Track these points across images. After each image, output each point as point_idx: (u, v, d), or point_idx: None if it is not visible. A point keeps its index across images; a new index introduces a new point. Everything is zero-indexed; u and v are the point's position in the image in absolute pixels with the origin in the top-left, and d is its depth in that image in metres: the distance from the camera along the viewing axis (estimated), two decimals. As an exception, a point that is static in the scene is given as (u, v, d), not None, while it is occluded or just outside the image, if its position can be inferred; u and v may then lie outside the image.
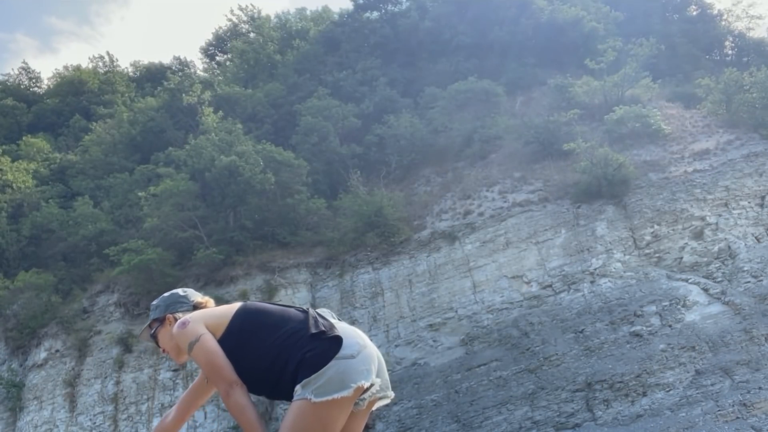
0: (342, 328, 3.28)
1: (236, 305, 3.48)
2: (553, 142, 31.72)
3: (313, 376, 3.10)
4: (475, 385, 24.48)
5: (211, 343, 3.27)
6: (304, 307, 3.47)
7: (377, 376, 3.22)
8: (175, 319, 3.51)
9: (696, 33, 45.96)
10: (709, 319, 24.00)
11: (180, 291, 3.69)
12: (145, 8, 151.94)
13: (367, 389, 3.15)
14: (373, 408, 3.35)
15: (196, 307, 3.59)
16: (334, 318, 3.39)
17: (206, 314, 3.44)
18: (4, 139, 47.57)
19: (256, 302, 3.56)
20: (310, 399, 3.07)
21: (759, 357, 22.37)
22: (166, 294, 3.70)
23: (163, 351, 3.60)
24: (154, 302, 3.66)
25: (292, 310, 3.42)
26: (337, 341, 3.19)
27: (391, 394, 3.37)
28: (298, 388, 3.13)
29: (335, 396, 3.07)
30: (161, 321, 3.56)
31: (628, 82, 34.64)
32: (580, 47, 40.72)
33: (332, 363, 3.13)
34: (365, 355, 3.20)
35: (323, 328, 3.24)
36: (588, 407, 22.84)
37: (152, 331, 3.58)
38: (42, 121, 52.31)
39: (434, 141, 36.35)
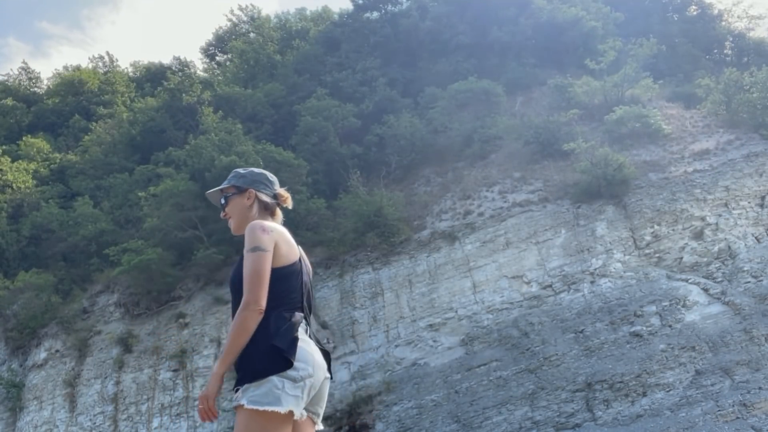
0: (304, 347, 3.32)
1: (297, 252, 3.62)
2: (553, 142, 31.71)
3: (252, 384, 3.18)
4: (475, 385, 24.49)
5: (268, 263, 3.34)
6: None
7: (315, 403, 3.38)
8: (257, 197, 3.61)
9: (696, 33, 45.95)
10: (709, 319, 24.01)
11: (268, 174, 3.76)
12: (136, 12, 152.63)
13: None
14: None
15: (276, 196, 3.71)
16: (308, 331, 3.46)
17: (286, 238, 3.57)
18: (4, 139, 47.56)
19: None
20: (244, 405, 3.16)
21: (759, 357, 22.38)
22: (255, 169, 3.75)
23: (225, 215, 3.66)
24: (241, 171, 3.71)
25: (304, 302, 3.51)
26: (286, 362, 3.24)
27: (320, 424, 3.48)
28: (239, 393, 3.22)
29: (267, 408, 3.15)
30: (241, 191, 3.61)
31: (628, 82, 34.64)
32: (579, 47, 40.72)
33: (274, 377, 3.20)
34: (305, 384, 3.26)
35: (281, 344, 3.27)
36: (588, 407, 22.84)
37: (227, 194, 3.62)
38: (42, 121, 52.32)
39: (434, 141, 36.35)
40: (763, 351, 22.57)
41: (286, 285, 3.44)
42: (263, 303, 3.25)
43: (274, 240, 3.43)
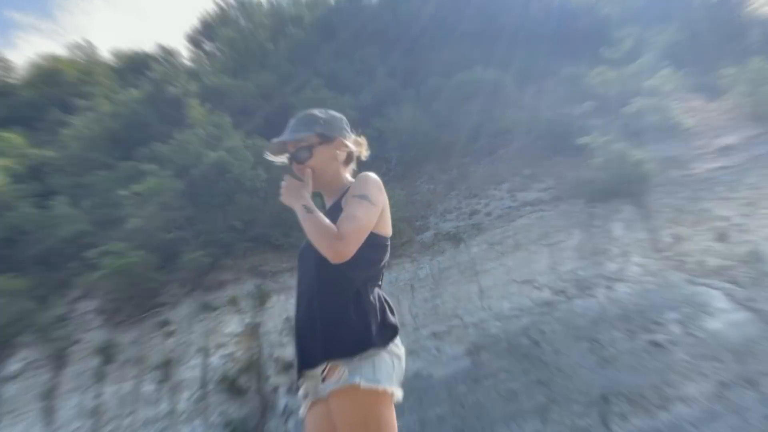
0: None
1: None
2: (565, 136, 31.77)
3: (363, 363, 2.98)
4: (482, 398, 24.55)
5: (374, 221, 3.16)
6: None
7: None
8: (344, 144, 3.37)
9: (720, 19, 46.02)
10: (734, 327, 24.05)
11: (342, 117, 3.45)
12: (109, 1, 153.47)
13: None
14: None
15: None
16: None
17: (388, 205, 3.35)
18: (-24, 133, 47.71)
19: None
20: (360, 384, 3.00)
21: (787, 368, 22.44)
22: (335, 113, 3.49)
23: (303, 169, 3.36)
24: (323, 116, 3.41)
25: None
26: (392, 336, 3.13)
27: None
28: (344, 373, 2.95)
29: (387, 387, 3.04)
30: (329, 140, 3.36)
31: (646, 72, 34.73)
32: (594, 35, 40.84)
33: (386, 355, 3.09)
34: (403, 366, 3.24)
35: (391, 320, 3.21)
36: (603, 422, 22.90)
37: (312, 143, 3.34)
38: (16, 114, 52.40)
39: (438, 135, 36.40)
40: (791, 361, 22.63)
41: (383, 256, 3.32)
42: (349, 255, 3.01)
43: (384, 203, 3.22)
